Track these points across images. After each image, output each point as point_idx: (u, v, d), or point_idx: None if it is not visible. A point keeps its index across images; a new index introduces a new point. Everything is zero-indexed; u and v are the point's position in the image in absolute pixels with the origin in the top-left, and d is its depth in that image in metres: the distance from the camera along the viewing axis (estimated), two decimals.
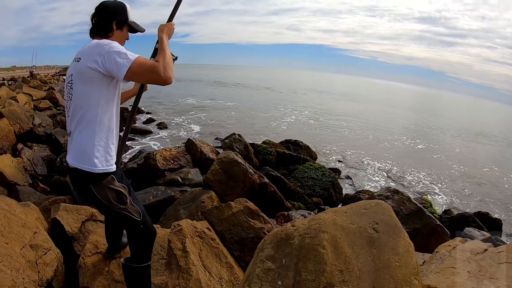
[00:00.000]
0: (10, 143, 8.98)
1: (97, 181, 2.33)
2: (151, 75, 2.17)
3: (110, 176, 2.37)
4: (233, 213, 4.10)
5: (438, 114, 47.35)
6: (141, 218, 2.52)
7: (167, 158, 7.50)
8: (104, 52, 2.15)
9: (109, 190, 2.36)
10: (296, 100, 40.64)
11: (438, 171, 13.73)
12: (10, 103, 13.26)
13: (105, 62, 2.15)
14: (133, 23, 2.57)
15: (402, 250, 2.18)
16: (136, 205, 2.53)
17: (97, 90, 2.26)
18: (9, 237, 2.94)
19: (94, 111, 2.28)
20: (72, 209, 3.97)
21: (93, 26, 2.45)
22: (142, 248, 2.66)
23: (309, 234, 2.33)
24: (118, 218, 2.54)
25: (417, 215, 5.45)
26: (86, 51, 2.26)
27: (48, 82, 34.42)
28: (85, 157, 2.29)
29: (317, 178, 8.31)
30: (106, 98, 2.32)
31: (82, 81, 2.25)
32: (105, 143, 2.36)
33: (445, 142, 21.89)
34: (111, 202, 2.38)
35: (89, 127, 2.30)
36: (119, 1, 2.52)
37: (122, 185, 2.45)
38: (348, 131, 21.28)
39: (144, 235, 2.62)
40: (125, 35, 2.55)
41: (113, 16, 2.44)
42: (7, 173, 6.05)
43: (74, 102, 2.31)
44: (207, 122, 19.82)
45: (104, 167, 2.33)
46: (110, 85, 2.31)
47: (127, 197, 2.45)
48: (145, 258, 2.68)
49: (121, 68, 2.12)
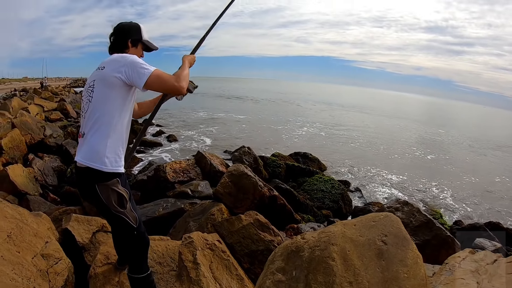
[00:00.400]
0: (21, 153, 9.11)
1: (103, 180, 2.45)
2: (166, 84, 2.47)
3: (116, 178, 2.49)
4: (243, 226, 4.13)
5: (447, 124, 47.03)
6: (136, 225, 2.62)
7: (177, 170, 7.53)
8: (127, 63, 2.40)
9: (112, 191, 2.48)
10: (306, 112, 40.54)
11: (448, 182, 13.61)
12: (22, 113, 13.44)
13: (128, 72, 2.39)
14: (147, 41, 2.85)
15: (410, 261, 2.20)
16: (134, 212, 2.63)
17: (116, 96, 2.45)
18: (21, 246, 3.00)
19: (111, 116, 2.45)
20: (83, 220, 4.03)
21: (111, 44, 2.70)
22: (137, 257, 2.75)
23: (319, 246, 2.36)
24: (115, 221, 2.63)
25: (427, 227, 5.41)
26: (110, 61, 2.49)
27: (59, 94, 34.88)
28: (96, 156, 2.43)
29: (326, 191, 8.30)
30: (122, 105, 2.50)
31: (104, 86, 2.45)
32: (116, 147, 2.51)
33: (455, 152, 21.70)
34: (111, 203, 2.49)
35: (104, 130, 2.45)
36: (134, 22, 2.82)
37: (125, 189, 2.56)
38: (358, 143, 21.17)
39: (138, 242, 2.70)
40: (139, 52, 2.81)
41: (129, 34, 2.73)
42: (18, 182, 6.12)
43: (93, 104, 2.48)
44: (219, 135, 19.75)
45: (113, 167, 2.47)
46: (128, 95, 2.52)
47: (127, 202, 2.56)
48: (143, 267, 2.76)
49: (142, 77, 2.39)
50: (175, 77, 2.50)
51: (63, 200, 6.52)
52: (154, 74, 2.40)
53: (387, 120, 40.52)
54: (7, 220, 3.16)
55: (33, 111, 17.40)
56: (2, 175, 6.09)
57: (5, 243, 2.89)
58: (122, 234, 2.75)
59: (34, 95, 27.01)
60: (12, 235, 3.02)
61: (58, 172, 8.17)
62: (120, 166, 2.55)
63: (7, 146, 8.56)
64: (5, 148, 8.45)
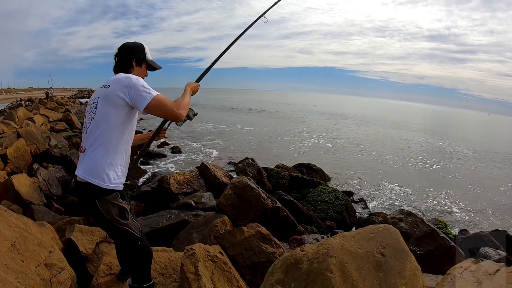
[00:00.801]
0: (26, 162, 9.18)
1: (102, 196, 2.50)
2: (166, 109, 2.52)
3: (115, 193, 2.55)
4: (245, 238, 4.14)
5: (452, 133, 46.84)
6: (140, 235, 2.67)
7: (180, 182, 7.55)
8: (132, 84, 2.46)
9: (112, 205, 2.54)
10: (311, 123, 40.46)
11: (453, 192, 13.52)
12: (27, 123, 13.55)
13: (131, 94, 2.44)
14: (151, 61, 2.92)
15: (409, 273, 2.21)
16: (136, 222, 2.71)
17: (118, 115, 2.50)
18: (25, 255, 3.06)
19: (111, 133, 2.51)
20: (86, 230, 4.08)
21: (116, 64, 2.77)
22: (141, 267, 2.81)
23: (317, 258, 2.38)
24: (118, 234, 2.68)
25: (431, 237, 5.39)
26: (115, 80, 2.54)
27: (64, 104, 35.12)
28: (95, 172, 2.48)
29: (330, 202, 8.28)
30: (124, 124, 2.55)
31: (107, 104, 2.51)
32: (115, 164, 2.56)
33: (461, 161, 21.56)
34: (113, 217, 2.54)
35: (104, 146, 2.50)
36: (138, 42, 2.89)
37: (125, 201, 2.63)
38: (363, 154, 21.10)
39: (142, 252, 2.76)
40: (144, 71, 2.89)
41: (133, 54, 2.80)
42: (22, 192, 6.16)
43: (95, 121, 2.54)
44: (226, 147, 19.69)
45: (111, 185, 2.52)
46: (130, 115, 2.58)
47: (128, 213, 2.63)
48: (146, 277, 2.83)
49: (143, 100, 2.46)
50: (176, 104, 2.56)
51: (67, 210, 6.55)
52: (155, 98, 2.46)
53: (392, 130, 40.42)
54: (11, 229, 3.22)
55: (39, 121, 17.56)
56: (7, 184, 6.13)
57: (9, 252, 2.94)
58: (126, 245, 2.78)
59: (39, 105, 27.24)
60: (16, 244, 3.07)
61: (63, 182, 8.20)
62: (119, 183, 2.60)
63: (12, 156, 8.66)
64: (10, 158, 8.55)
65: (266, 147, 20.72)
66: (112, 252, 3.68)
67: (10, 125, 15.00)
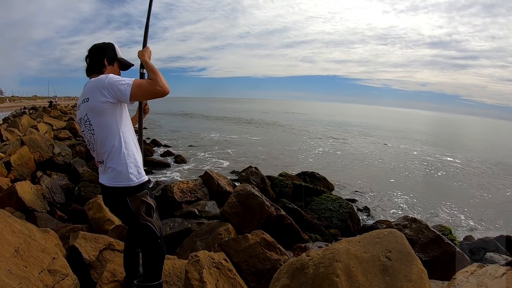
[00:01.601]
0: (30, 170, 9.20)
1: (133, 193, 2.59)
2: (150, 90, 2.51)
3: (145, 190, 2.65)
4: (250, 245, 4.12)
5: (456, 139, 46.78)
6: (160, 234, 2.75)
7: (184, 190, 7.54)
8: (106, 85, 2.47)
9: (141, 202, 2.62)
10: (317, 132, 40.49)
11: (459, 198, 13.44)
12: (31, 131, 13.67)
13: (111, 92, 2.46)
14: (123, 59, 2.94)
15: (415, 277, 2.20)
16: (159, 221, 2.79)
17: (113, 118, 2.56)
18: (29, 261, 3.06)
19: (118, 137, 2.58)
20: (90, 238, 4.07)
21: (88, 65, 2.79)
22: (155, 265, 2.85)
23: (323, 263, 2.37)
24: (141, 229, 2.71)
25: (436, 243, 5.35)
26: (89, 90, 2.56)
27: (68, 113, 35.32)
28: (122, 177, 2.56)
29: (334, 210, 8.25)
30: (122, 122, 2.63)
31: (98, 115, 2.54)
32: (134, 159, 2.64)
33: (466, 168, 21.46)
34: (140, 213, 2.62)
35: (118, 152, 2.57)
36: (108, 42, 2.92)
37: (153, 200, 2.72)
38: (368, 162, 21.01)
39: (160, 250, 2.84)
40: (116, 70, 2.89)
41: (104, 54, 2.81)
42: (26, 199, 6.17)
43: (97, 136, 2.59)
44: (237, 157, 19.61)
45: (138, 180, 2.60)
46: (121, 110, 2.63)
47: (154, 211, 2.71)
48: (157, 275, 2.86)
49: (125, 92, 2.47)
50: (153, 81, 2.53)
51: (70, 218, 6.54)
52: (134, 85, 2.48)
53: (396, 138, 40.33)
54: (15, 235, 3.22)
55: (42, 129, 17.69)
56: (11, 191, 6.15)
57: (13, 258, 2.94)
58: (146, 242, 2.81)
59: (43, 114, 27.46)
60: (20, 250, 3.08)
61: (66, 190, 8.20)
62: (144, 174, 2.69)
63: (15, 163, 8.69)
64: (13, 165, 8.57)
65: (277, 157, 20.65)
66: (116, 259, 3.68)
67: (14, 133, 15.11)
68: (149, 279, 2.82)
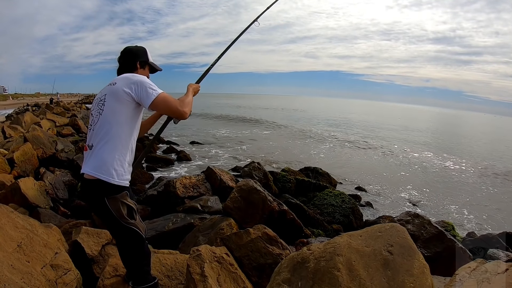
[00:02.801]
0: (33, 166, 9.23)
1: (111, 194, 2.54)
2: (171, 107, 2.65)
3: (125, 191, 2.59)
4: (252, 239, 4.12)
5: (460, 135, 46.68)
6: (145, 236, 2.74)
7: (186, 185, 7.54)
8: (138, 82, 2.56)
9: (121, 204, 2.57)
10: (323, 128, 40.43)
11: (463, 194, 13.44)
12: (34, 128, 13.68)
13: (137, 90, 2.54)
14: (153, 63, 3.04)
15: (417, 271, 2.19)
16: (143, 222, 2.77)
17: (126, 110, 2.58)
18: (31, 255, 3.09)
19: (120, 128, 2.57)
20: (93, 233, 4.09)
21: (120, 66, 2.85)
22: (142, 267, 2.84)
23: (324, 257, 2.37)
24: (125, 233, 2.68)
25: (438, 239, 5.35)
26: (122, 77, 2.64)
27: (71, 110, 35.41)
28: (104, 168, 2.51)
29: (336, 205, 8.24)
30: (131, 121, 2.62)
31: (115, 100, 2.57)
32: (123, 160, 2.60)
33: (471, 165, 21.36)
34: (122, 216, 2.57)
35: (113, 142, 2.55)
36: (140, 46, 3.00)
37: (134, 202, 2.68)
38: (372, 158, 20.99)
39: (146, 252, 2.83)
40: (147, 73, 3.00)
41: (137, 57, 2.92)
42: (29, 195, 6.17)
43: (103, 117, 2.59)
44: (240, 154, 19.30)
45: (119, 180, 2.56)
46: (136, 111, 2.65)
47: (136, 213, 2.67)
48: (147, 277, 2.86)
49: (150, 97, 2.56)
50: (180, 102, 2.70)
51: (73, 213, 6.55)
52: (161, 96, 2.59)
53: (400, 133, 40.24)
54: (17, 230, 3.24)
55: (45, 126, 17.71)
56: (14, 188, 6.15)
57: (15, 253, 2.96)
58: (130, 245, 2.78)
59: (46, 110, 27.48)
60: (23, 245, 3.10)
61: (69, 186, 8.21)
62: (126, 180, 2.63)
63: (19, 160, 8.70)
64: (17, 162, 8.59)
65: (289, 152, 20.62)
66: (118, 254, 3.69)
67: (17, 130, 15.12)
68: (142, 281, 2.82)
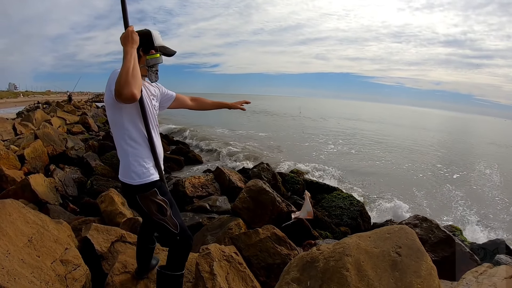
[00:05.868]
0: (43, 163, 9.33)
1: (141, 192, 2.56)
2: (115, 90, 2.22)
3: (154, 189, 2.58)
4: (261, 239, 4.15)
5: (471, 139, 46.23)
6: (178, 231, 2.68)
7: (195, 185, 7.59)
8: (110, 80, 2.38)
9: (151, 201, 2.58)
10: (330, 129, 40.24)
11: (473, 199, 13.29)
12: (45, 125, 13.82)
13: (111, 86, 2.33)
14: (161, 47, 2.72)
15: (424, 273, 2.21)
16: (175, 219, 2.68)
17: (119, 114, 2.50)
18: (41, 250, 3.14)
19: (121, 132, 2.55)
20: (102, 229, 4.14)
21: None
22: (177, 257, 2.81)
23: (333, 257, 2.39)
24: (158, 227, 2.71)
25: (446, 243, 5.33)
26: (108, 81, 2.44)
27: (81, 108, 35.60)
28: (126, 173, 2.57)
29: (345, 207, 8.23)
30: (129, 117, 2.54)
31: (108, 109, 2.55)
32: (140, 159, 2.58)
33: (483, 170, 21.07)
34: (152, 212, 2.60)
35: (122, 146, 2.56)
36: (145, 29, 2.70)
37: (164, 198, 2.63)
38: (381, 161, 20.82)
39: (180, 246, 2.78)
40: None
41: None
42: (39, 191, 6.24)
43: (110, 128, 2.62)
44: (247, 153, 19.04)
45: (141, 180, 2.55)
46: (127, 107, 2.49)
47: (167, 210, 2.63)
48: (179, 267, 2.82)
49: (111, 87, 2.34)
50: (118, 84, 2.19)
51: (82, 211, 6.60)
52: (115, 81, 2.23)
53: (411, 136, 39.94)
54: (28, 225, 3.29)
55: (56, 123, 17.96)
56: (24, 184, 6.22)
57: (26, 247, 3.01)
58: (165, 238, 2.84)
59: (57, 108, 27.79)
60: (33, 240, 3.15)
61: (78, 183, 8.27)
62: (150, 176, 2.60)
63: (29, 156, 8.82)
64: (27, 158, 8.71)
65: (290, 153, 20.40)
66: (127, 251, 3.74)
67: (28, 127, 15.30)
68: (171, 268, 2.81)
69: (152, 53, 2.61)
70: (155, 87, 2.92)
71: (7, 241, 2.93)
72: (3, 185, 6.77)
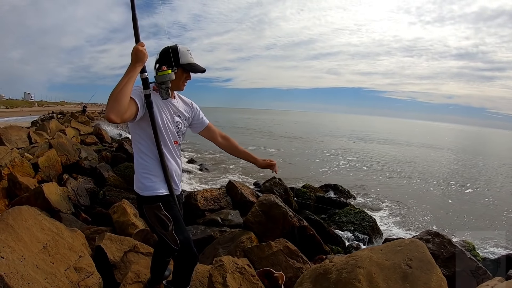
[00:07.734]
0: (56, 172, 9.43)
1: (147, 203, 2.62)
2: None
3: (159, 203, 2.60)
4: (273, 252, 4.18)
5: (484, 153, 45.71)
6: (179, 247, 2.63)
7: (207, 198, 7.61)
8: None
9: (155, 215, 2.61)
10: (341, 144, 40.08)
11: (485, 214, 13.19)
12: (59, 135, 14.06)
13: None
14: (188, 65, 2.65)
15: (434, 284, 2.23)
16: (177, 235, 2.62)
17: (132, 128, 2.61)
18: (56, 257, 3.21)
19: (135, 143, 2.64)
20: (116, 239, 4.19)
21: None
22: (180, 272, 2.83)
23: (346, 269, 2.42)
24: (159, 239, 2.81)
25: (459, 258, 5.30)
26: None
27: (95, 119, 35.85)
28: (136, 182, 2.66)
29: (356, 223, 8.22)
30: (142, 131, 2.60)
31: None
32: (148, 173, 2.63)
33: (497, 184, 20.82)
34: (155, 224, 2.64)
35: (135, 156, 2.66)
36: (173, 45, 2.65)
37: (167, 214, 2.62)
38: (393, 176, 20.70)
39: (181, 262, 2.79)
40: (180, 76, 2.67)
41: (163, 60, 2.61)
42: (52, 200, 6.30)
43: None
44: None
45: (147, 191, 2.61)
46: (140, 122, 2.53)
47: (169, 225, 2.62)
48: (184, 282, 2.83)
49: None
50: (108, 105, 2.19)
51: (94, 220, 6.64)
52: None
53: (423, 151, 39.67)
54: (44, 232, 3.36)
55: (70, 133, 18.24)
56: (37, 192, 6.29)
57: (41, 254, 3.08)
58: (164, 251, 2.95)
59: (71, 119, 28.18)
60: (48, 246, 3.21)
61: (91, 193, 8.32)
62: (156, 190, 2.62)
63: (43, 165, 8.94)
64: (41, 167, 8.83)
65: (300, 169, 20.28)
66: (140, 261, 3.79)
67: (43, 136, 15.50)
68: (175, 283, 2.85)
69: (163, 70, 2.50)
70: (187, 105, 2.93)
71: (22, 247, 3.01)
72: (17, 192, 6.87)
